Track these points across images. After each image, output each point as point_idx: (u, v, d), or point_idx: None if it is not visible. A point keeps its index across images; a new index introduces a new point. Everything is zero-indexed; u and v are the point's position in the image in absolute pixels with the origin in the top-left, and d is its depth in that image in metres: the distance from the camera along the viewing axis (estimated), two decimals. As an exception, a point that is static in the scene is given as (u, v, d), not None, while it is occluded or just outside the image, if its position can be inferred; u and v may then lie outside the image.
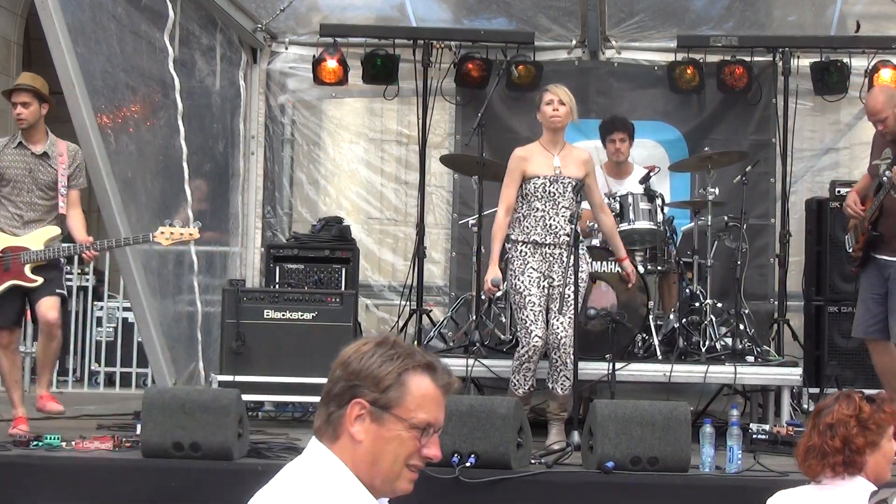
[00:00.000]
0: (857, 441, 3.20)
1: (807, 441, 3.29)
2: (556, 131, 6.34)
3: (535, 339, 6.14)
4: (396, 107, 9.23)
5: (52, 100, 6.31)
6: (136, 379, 9.41)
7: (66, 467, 5.39)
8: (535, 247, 6.26)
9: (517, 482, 5.21)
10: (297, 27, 9.17)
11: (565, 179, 6.26)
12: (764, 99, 8.70)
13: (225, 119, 8.69)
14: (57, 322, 6.20)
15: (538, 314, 6.17)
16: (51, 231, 6.24)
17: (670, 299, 7.43)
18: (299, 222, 9.24)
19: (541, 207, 6.26)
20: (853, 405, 3.24)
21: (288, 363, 6.86)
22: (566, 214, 6.23)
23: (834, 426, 3.22)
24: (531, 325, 6.15)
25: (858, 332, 6.40)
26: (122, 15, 6.96)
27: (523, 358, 6.19)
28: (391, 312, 8.79)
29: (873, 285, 6.26)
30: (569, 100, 6.31)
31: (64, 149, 6.31)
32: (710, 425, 5.35)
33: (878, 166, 6.31)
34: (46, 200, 6.26)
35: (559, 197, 6.25)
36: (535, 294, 6.19)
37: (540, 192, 6.26)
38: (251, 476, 5.27)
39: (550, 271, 6.25)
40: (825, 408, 3.31)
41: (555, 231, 6.24)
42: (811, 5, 8.87)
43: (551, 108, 6.29)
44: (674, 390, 6.92)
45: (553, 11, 8.76)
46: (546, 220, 6.25)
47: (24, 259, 6.10)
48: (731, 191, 7.63)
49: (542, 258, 6.26)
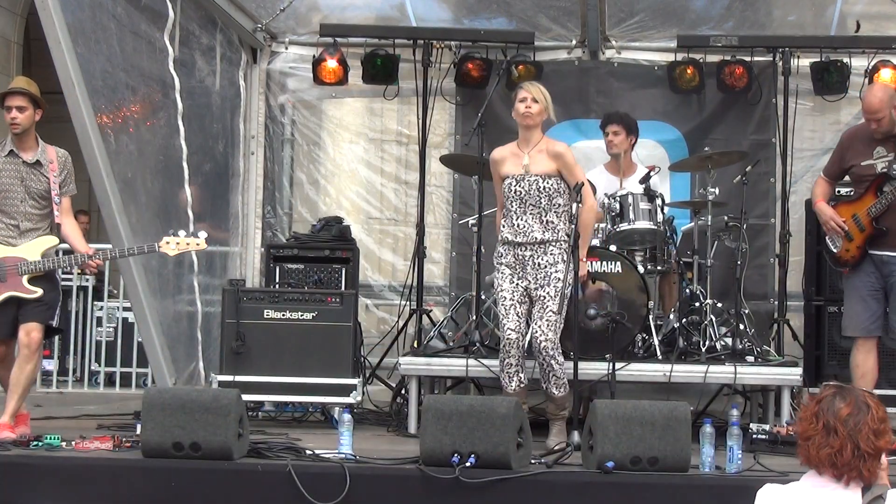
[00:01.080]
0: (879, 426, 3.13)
1: (817, 450, 3.19)
2: (529, 129, 6.36)
3: (507, 331, 6.24)
4: (396, 107, 9.22)
5: (46, 105, 6.17)
6: (136, 379, 9.41)
7: (66, 467, 5.38)
8: (509, 247, 6.32)
9: (517, 482, 5.20)
10: (297, 27, 9.16)
11: (531, 178, 6.28)
12: (764, 99, 8.70)
13: (225, 119, 8.70)
14: (39, 342, 6.07)
15: (509, 308, 6.25)
16: (49, 241, 6.13)
17: (670, 299, 7.43)
18: (299, 222, 9.24)
19: (511, 208, 6.32)
20: (870, 411, 3.16)
21: (288, 363, 6.87)
22: (533, 212, 6.26)
23: (850, 435, 3.13)
24: (504, 319, 6.27)
25: (856, 331, 6.40)
26: (122, 15, 6.96)
27: (502, 353, 6.30)
28: (391, 312, 8.79)
29: (870, 282, 6.27)
30: (542, 97, 6.32)
31: (54, 155, 6.16)
32: (710, 425, 5.34)
33: (874, 165, 6.31)
34: (39, 210, 6.13)
35: (525, 195, 6.27)
36: (507, 289, 6.27)
37: (510, 192, 6.32)
38: (251, 476, 5.28)
39: (524, 272, 6.29)
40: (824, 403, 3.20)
41: (523, 231, 6.27)
42: (811, 5, 8.86)
43: (523, 106, 6.31)
44: (674, 390, 6.92)
45: (553, 11, 8.76)
46: (514, 219, 6.30)
47: (21, 270, 5.98)
48: (731, 191, 7.63)
49: (515, 258, 6.31)
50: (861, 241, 6.33)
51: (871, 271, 6.28)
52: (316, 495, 5.12)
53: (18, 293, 6.00)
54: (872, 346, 6.33)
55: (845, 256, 6.40)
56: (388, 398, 7.65)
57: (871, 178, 6.32)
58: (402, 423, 6.90)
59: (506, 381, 6.31)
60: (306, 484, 5.14)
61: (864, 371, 6.31)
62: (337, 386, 6.88)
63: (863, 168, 6.37)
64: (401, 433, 6.81)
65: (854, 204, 6.41)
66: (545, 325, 6.17)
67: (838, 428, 3.12)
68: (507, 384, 6.31)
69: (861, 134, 6.46)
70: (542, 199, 6.26)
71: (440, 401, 5.57)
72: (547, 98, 6.36)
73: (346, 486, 5.14)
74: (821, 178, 6.72)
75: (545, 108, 6.34)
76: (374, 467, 5.37)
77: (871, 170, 6.33)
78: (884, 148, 6.29)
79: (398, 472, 5.35)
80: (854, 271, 6.36)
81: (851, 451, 3.10)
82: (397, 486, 5.29)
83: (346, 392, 6.89)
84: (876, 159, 6.32)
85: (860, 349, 6.36)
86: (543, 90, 6.38)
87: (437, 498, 5.18)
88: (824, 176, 6.69)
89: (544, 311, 6.18)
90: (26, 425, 6.14)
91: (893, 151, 6.25)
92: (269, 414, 7.45)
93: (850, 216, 6.38)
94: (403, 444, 6.23)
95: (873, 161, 6.33)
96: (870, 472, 3.13)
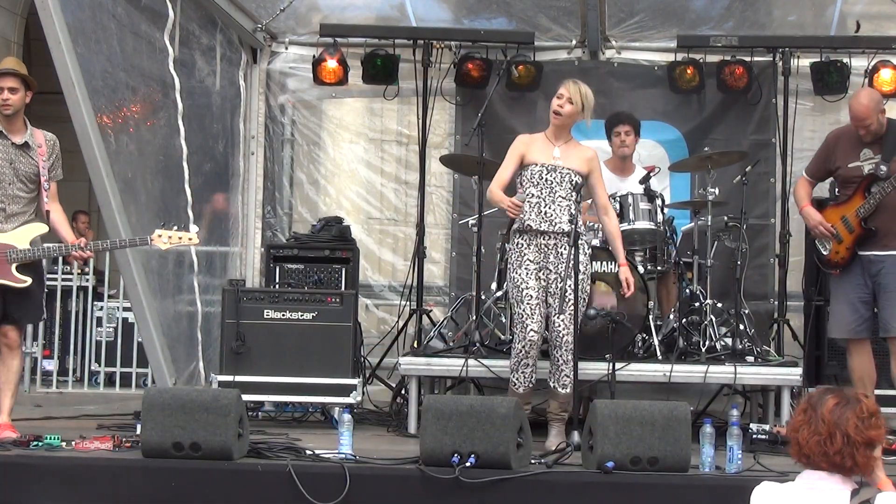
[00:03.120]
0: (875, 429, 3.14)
1: (806, 439, 3.21)
2: (559, 127, 6.34)
3: (530, 333, 6.13)
4: (396, 107, 9.22)
5: (36, 85, 6.09)
6: (136, 379, 9.41)
7: (66, 467, 5.38)
8: (531, 237, 6.23)
9: (517, 482, 5.21)
10: (297, 27, 9.16)
11: (564, 170, 6.25)
12: (764, 99, 8.70)
13: (225, 119, 8.69)
14: (18, 340, 6.05)
15: (535, 308, 6.15)
16: (37, 228, 6.02)
17: (670, 299, 7.43)
18: (299, 222, 9.24)
19: (536, 193, 6.24)
20: (858, 404, 3.19)
21: (288, 363, 6.87)
22: (563, 204, 6.20)
23: (836, 436, 3.14)
24: (527, 320, 6.14)
25: (842, 333, 6.42)
26: (122, 15, 6.95)
27: (521, 354, 6.18)
28: (391, 312, 8.79)
29: (858, 285, 6.29)
30: (580, 99, 6.26)
31: (42, 139, 6.08)
32: (710, 425, 5.35)
33: (861, 167, 6.31)
34: (27, 193, 6.03)
35: (556, 186, 6.23)
36: (533, 287, 6.17)
37: (536, 178, 6.25)
38: (251, 476, 5.28)
39: (547, 262, 6.22)
40: (820, 406, 3.22)
41: (550, 219, 6.20)
42: (811, 5, 8.86)
43: (556, 103, 6.30)
44: (674, 390, 6.92)
45: (553, 11, 8.75)
46: (541, 206, 6.22)
47: (10, 258, 5.88)
48: (731, 191, 7.63)
49: (538, 249, 6.23)
50: (850, 242, 6.34)
51: (858, 273, 6.30)
52: (316, 495, 5.12)
53: (7, 281, 5.90)
54: (863, 347, 6.34)
55: (835, 258, 6.41)
56: (388, 398, 7.65)
57: (858, 179, 6.33)
58: (402, 423, 6.90)
59: (519, 382, 6.21)
60: (306, 484, 5.14)
61: (861, 374, 6.32)
62: (337, 386, 6.88)
63: (849, 170, 6.37)
64: (401, 433, 6.81)
65: (842, 206, 6.42)
66: (567, 319, 6.12)
67: (825, 417, 3.14)
68: (518, 384, 6.22)
69: (847, 136, 6.44)
70: (573, 195, 6.24)
71: (440, 401, 5.58)
72: (585, 101, 6.28)
73: (346, 486, 5.14)
74: (803, 178, 6.69)
75: (579, 111, 6.29)
76: (374, 467, 5.37)
77: (858, 171, 6.34)
78: (870, 150, 6.30)
79: (398, 472, 5.35)
80: (843, 273, 6.38)
81: (842, 439, 3.11)
82: (397, 486, 5.30)
83: (346, 392, 6.89)
84: (863, 161, 6.32)
85: (851, 352, 6.39)
86: (585, 93, 6.30)
87: (437, 498, 5.19)
88: (807, 176, 6.66)
89: (567, 305, 6.13)
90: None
91: (880, 153, 6.25)
92: (269, 414, 7.45)
93: (838, 219, 6.39)
94: (403, 444, 6.23)
95: (860, 163, 6.33)
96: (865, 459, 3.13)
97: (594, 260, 6.74)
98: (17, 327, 6.06)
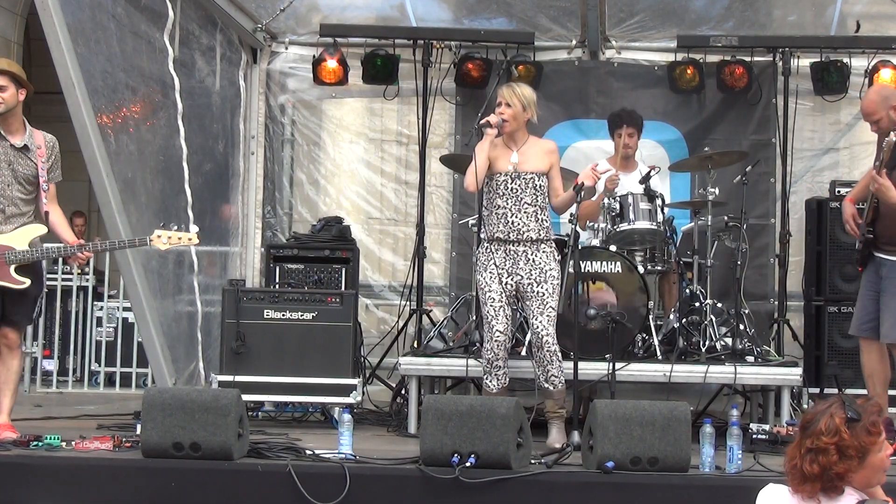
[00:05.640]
0: (836, 468, 3.10)
1: (791, 458, 3.20)
2: (511, 132, 6.31)
3: (496, 333, 6.19)
4: (396, 107, 9.23)
5: (30, 86, 6.08)
6: (136, 379, 9.40)
7: (66, 467, 5.38)
8: (499, 244, 6.28)
9: (517, 482, 5.21)
10: (297, 27, 9.17)
11: (526, 175, 6.26)
12: (764, 99, 8.70)
13: (225, 119, 8.69)
14: (18, 341, 6.05)
15: (498, 309, 6.21)
16: (36, 229, 6.01)
17: (670, 299, 7.43)
18: (299, 222, 9.25)
19: (502, 205, 6.27)
20: (833, 430, 3.12)
21: (288, 363, 6.87)
22: (529, 211, 6.24)
23: (814, 451, 3.13)
24: (493, 321, 6.21)
25: (852, 329, 6.43)
26: (122, 15, 6.95)
27: (489, 356, 6.24)
28: (391, 312, 8.80)
29: (871, 283, 6.27)
30: (517, 100, 6.25)
31: (41, 140, 6.06)
32: (710, 425, 5.35)
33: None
34: (26, 195, 6.01)
35: (521, 193, 6.25)
36: (496, 290, 6.22)
37: (502, 188, 6.27)
38: (251, 476, 5.28)
39: (516, 268, 6.25)
40: (809, 424, 3.18)
41: (517, 228, 6.24)
42: (811, 5, 8.86)
43: (498, 112, 6.28)
44: (674, 390, 6.91)
45: (553, 11, 8.75)
46: (507, 217, 6.26)
47: (9, 259, 5.87)
48: (731, 191, 7.64)
49: (506, 255, 6.27)
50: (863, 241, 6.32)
51: (873, 271, 6.29)
52: (316, 495, 5.12)
53: (6, 283, 5.89)
54: (869, 345, 6.32)
55: (859, 256, 6.40)
56: (388, 398, 7.65)
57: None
58: (402, 423, 6.90)
59: (491, 382, 6.27)
60: (306, 484, 5.14)
61: (870, 371, 6.29)
62: (337, 386, 6.88)
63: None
64: (401, 433, 6.81)
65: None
66: (546, 320, 6.17)
67: (797, 436, 3.20)
68: (490, 384, 6.28)
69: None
70: (538, 198, 6.26)
71: (440, 401, 5.57)
72: (524, 99, 6.27)
73: (346, 486, 5.15)
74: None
75: (522, 111, 6.27)
76: (373, 467, 5.37)
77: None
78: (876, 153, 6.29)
79: (398, 472, 5.35)
80: (865, 270, 6.36)
81: (820, 468, 3.11)
82: (397, 486, 5.30)
83: (346, 392, 6.89)
84: (875, 162, 6.31)
85: (861, 349, 6.37)
86: (521, 92, 6.29)
87: (437, 498, 5.19)
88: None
89: (544, 306, 6.17)
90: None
91: (882, 153, 6.24)
92: (269, 414, 7.45)
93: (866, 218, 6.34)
94: (403, 444, 6.23)
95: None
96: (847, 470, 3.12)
97: (594, 260, 6.75)
98: (16, 328, 6.07)
